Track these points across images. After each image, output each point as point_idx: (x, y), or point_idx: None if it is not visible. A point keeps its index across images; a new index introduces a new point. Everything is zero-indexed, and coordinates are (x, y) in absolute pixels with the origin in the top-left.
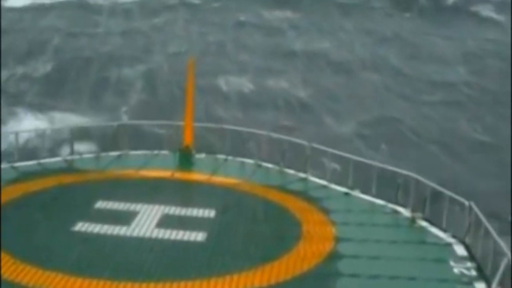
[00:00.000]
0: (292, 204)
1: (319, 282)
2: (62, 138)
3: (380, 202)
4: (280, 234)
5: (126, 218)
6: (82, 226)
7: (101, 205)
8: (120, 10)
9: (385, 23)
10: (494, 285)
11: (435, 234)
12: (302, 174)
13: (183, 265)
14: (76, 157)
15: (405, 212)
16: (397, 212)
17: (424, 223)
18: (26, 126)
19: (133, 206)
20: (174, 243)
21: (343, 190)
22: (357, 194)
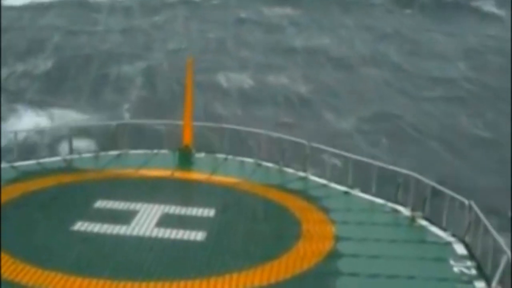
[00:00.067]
0: (291, 203)
1: (319, 281)
2: (61, 135)
3: (380, 201)
4: (279, 233)
5: (125, 217)
6: (81, 226)
7: (100, 204)
8: (119, 8)
9: (385, 20)
10: (494, 283)
11: (435, 233)
12: (301, 173)
13: (183, 264)
14: (75, 156)
15: (405, 211)
16: (397, 211)
17: (424, 222)
18: (26, 123)
19: (132, 206)
20: (174, 243)
21: (343, 189)
22: (356, 193)
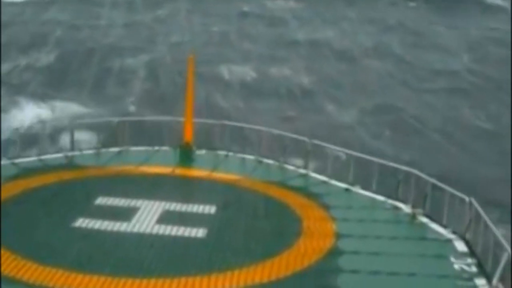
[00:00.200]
0: (292, 200)
1: (320, 278)
2: (62, 127)
3: (380, 198)
4: (280, 230)
5: (126, 214)
6: (82, 222)
7: (101, 201)
8: (122, 2)
9: (389, 12)
10: (495, 281)
11: (436, 230)
12: (302, 170)
13: (184, 261)
14: (76, 153)
15: (405, 208)
16: (397, 208)
17: (424, 219)
18: (28, 115)
19: (133, 202)
20: (175, 239)
21: (344, 186)
22: (357, 190)
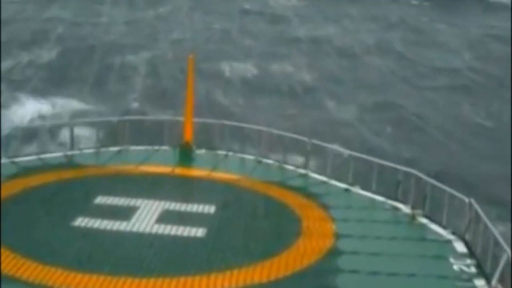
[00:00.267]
0: (292, 200)
1: (319, 278)
2: (62, 122)
3: (380, 198)
4: (280, 230)
5: (126, 213)
6: (82, 221)
7: (101, 200)
8: (124, 0)
9: (391, 10)
10: (494, 282)
11: (435, 230)
12: (302, 170)
13: (183, 260)
14: (76, 152)
15: (405, 208)
16: (397, 208)
17: (424, 220)
18: (28, 110)
19: (133, 202)
20: (174, 239)
21: (343, 186)
22: (357, 190)
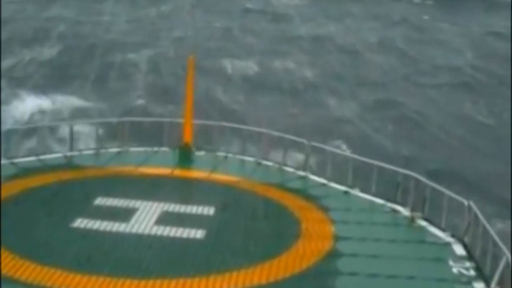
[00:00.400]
0: (291, 202)
1: (318, 280)
2: (61, 118)
3: (379, 201)
4: (279, 232)
5: (125, 214)
6: (81, 223)
7: (100, 201)
8: None
9: (393, 8)
10: (493, 284)
11: (434, 233)
12: (301, 172)
13: (182, 262)
14: (75, 153)
15: (404, 211)
16: (396, 211)
17: (423, 222)
18: (29, 106)
19: (132, 203)
20: (173, 240)
21: (343, 188)
22: (356, 192)
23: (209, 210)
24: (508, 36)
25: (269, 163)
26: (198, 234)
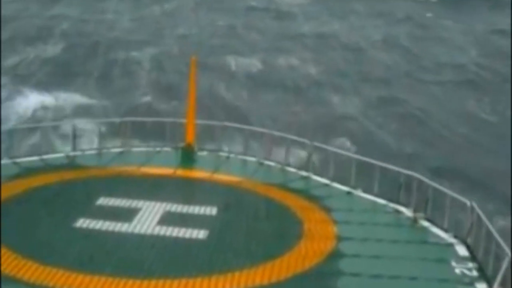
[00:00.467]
0: (293, 202)
1: (320, 281)
2: (64, 115)
3: (382, 201)
4: (281, 232)
5: (127, 214)
6: (83, 222)
7: (102, 201)
8: None
9: (397, 6)
10: (496, 285)
11: (437, 234)
12: (304, 173)
13: (185, 262)
14: (78, 153)
15: (406, 211)
16: (399, 211)
17: (425, 223)
18: (32, 102)
19: (134, 203)
20: (176, 241)
21: (345, 189)
22: (359, 193)
23: (211, 210)
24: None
25: (271, 163)
26: (200, 234)
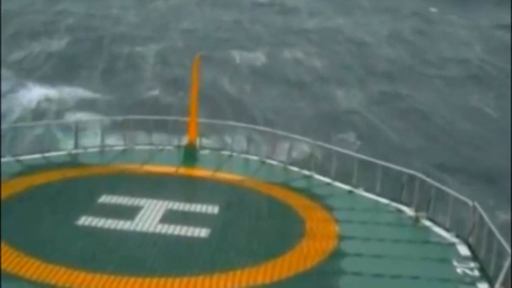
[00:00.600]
0: (296, 201)
1: (322, 280)
2: (67, 108)
3: (384, 200)
4: (283, 231)
5: (130, 212)
6: (85, 220)
7: (105, 199)
8: None
9: (403, 1)
10: (497, 285)
11: (439, 233)
12: (306, 172)
13: (186, 260)
14: (80, 151)
15: (409, 211)
16: (401, 211)
17: (427, 223)
18: (35, 95)
19: (137, 201)
20: (178, 239)
21: (347, 188)
22: (361, 192)
23: (213, 209)
24: None
25: (273, 162)
26: (202, 232)
